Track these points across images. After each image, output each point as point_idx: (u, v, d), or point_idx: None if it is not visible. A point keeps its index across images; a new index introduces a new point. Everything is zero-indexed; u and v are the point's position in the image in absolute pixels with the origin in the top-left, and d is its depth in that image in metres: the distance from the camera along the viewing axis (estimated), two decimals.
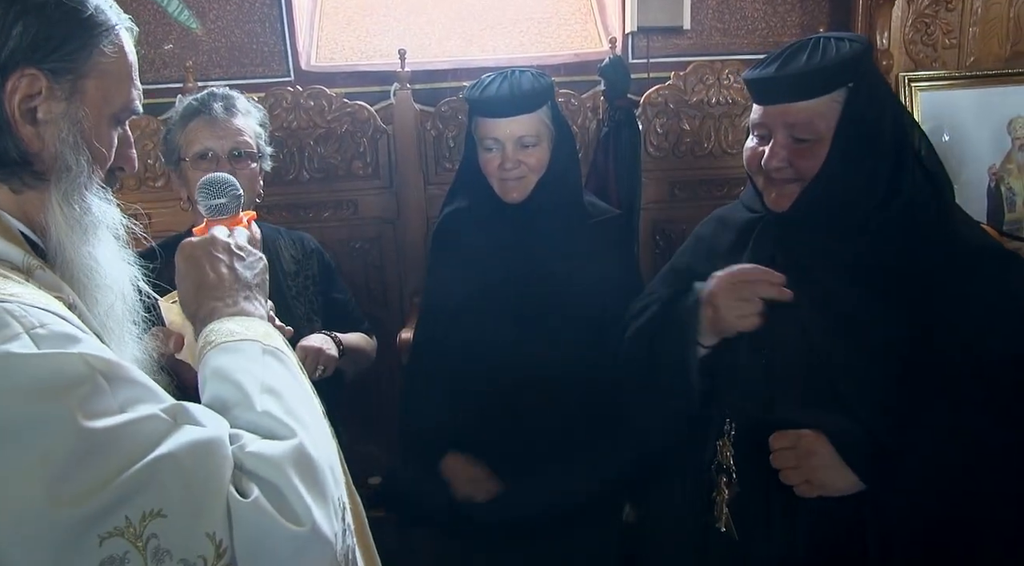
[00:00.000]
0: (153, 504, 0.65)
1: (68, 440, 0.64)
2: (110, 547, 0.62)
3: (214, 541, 0.66)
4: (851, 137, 1.27)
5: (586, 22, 2.82)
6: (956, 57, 2.52)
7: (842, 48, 1.28)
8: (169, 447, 0.68)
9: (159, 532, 0.64)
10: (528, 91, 1.69)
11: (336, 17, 2.86)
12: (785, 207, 1.34)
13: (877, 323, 1.25)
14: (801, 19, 2.68)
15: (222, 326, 0.89)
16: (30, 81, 0.79)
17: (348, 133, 2.50)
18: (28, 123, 0.80)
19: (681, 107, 2.51)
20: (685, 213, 2.59)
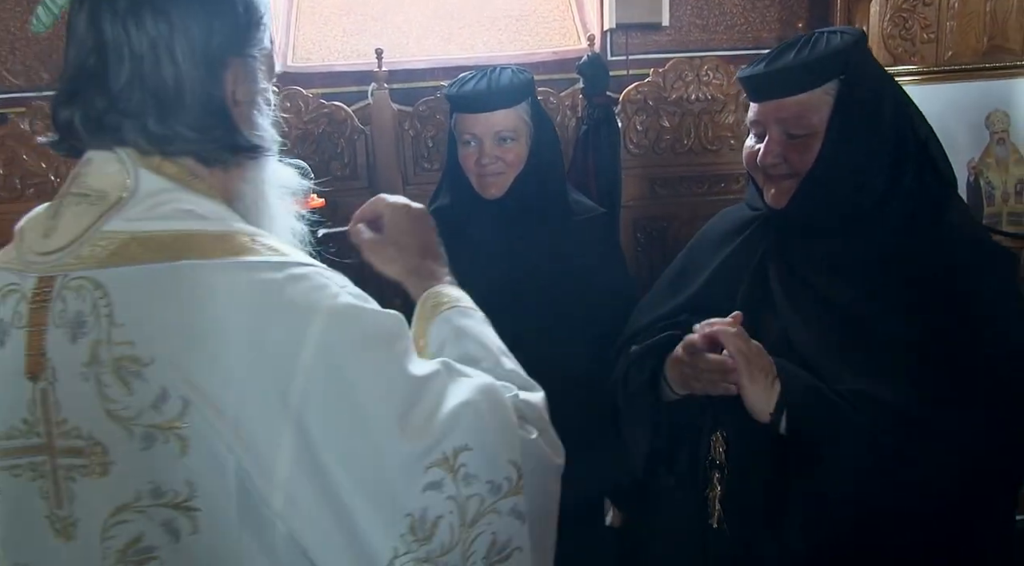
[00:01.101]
0: (462, 441, 0.80)
1: (404, 383, 0.80)
2: (432, 475, 0.78)
3: (516, 466, 0.84)
4: (844, 130, 1.27)
5: (564, 19, 2.83)
6: (934, 51, 2.54)
7: (833, 41, 1.29)
8: (467, 394, 0.83)
9: (467, 462, 0.80)
10: (506, 86, 1.70)
11: (313, 16, 2.86)
12: (783, 204, 1.34)
13: (870, 322, 1.25)
14: (780, 14, 2.70)
15: (448, 291, 1.06)
16: (235, 68, 0.89)
17: (325, 134, 2.50)
18: (234, 106, 0.89)
19: (661, 104, 2.53)
20: (666, 210, 2.61)
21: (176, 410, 0.75)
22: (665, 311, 1.53)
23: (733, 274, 1.44)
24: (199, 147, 0.87)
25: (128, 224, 0.82)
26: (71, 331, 0.78)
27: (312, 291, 0.79)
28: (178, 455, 0.75)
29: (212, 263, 0.79)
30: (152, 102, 0.84)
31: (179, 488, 0.76)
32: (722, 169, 2.59)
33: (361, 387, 0.78)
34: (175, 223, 0.83)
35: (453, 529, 0.80)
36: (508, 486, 0.84)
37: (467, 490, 0.81)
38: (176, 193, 0.85)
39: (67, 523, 0.80)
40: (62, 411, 0.79)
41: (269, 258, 0.81)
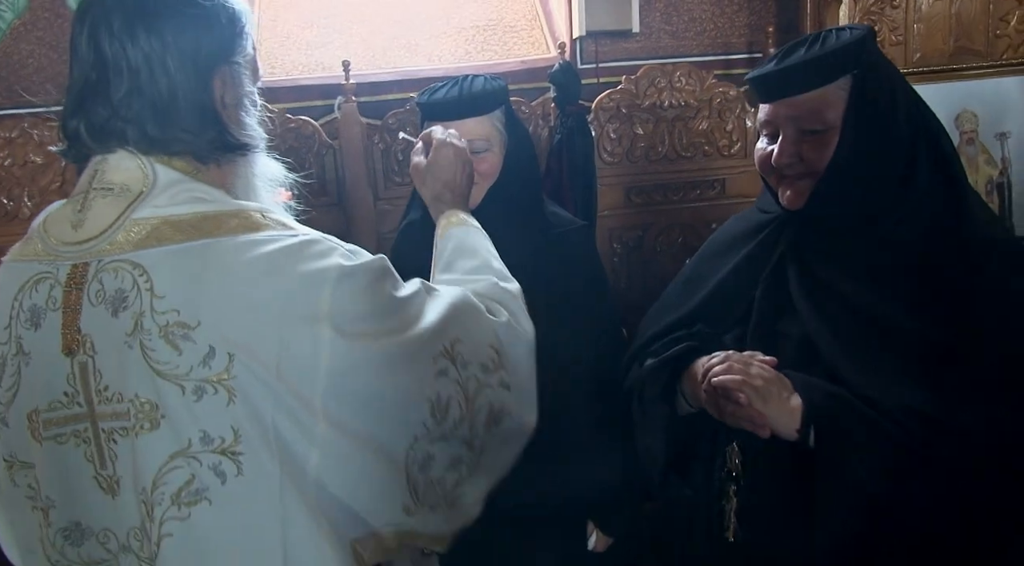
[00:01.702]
0: (454, 335, 1.01)
1: (397, 305, 0.97)
2: (440, 364, 0.99)
3: (495, 348, 1.07)
4: (861, 124, 1.25)
5: (532, 28, 2.81)
6: (903, 53, 2.56)
7: (843, 36, 1.28)
8: (447, 302, 1.04)
9: (461, 351, 1.01)
10: (478, 93, 1.66)
11: (274, 31, 2.80)
12: (800, 204, 1.31)
13: (896, 324, 1.23)
14: (749, 19, 2.70)
15: (458, 213, 1.35)
16: (221, 76, 1.00)
17: (292, 149, 2.43)
18: (223, 109, 1.01)
19: (634, 111, 2.51)
20: (642, 219, 2.59)
21: (223, 364, 0.88)
22: (678, 317, 1.50)
23: (747, 278, 1.41)
24: (194, 147, 0.99)
25: (157, 210, 0.94)
26: (111, 307, 0.90)
27: (321, 256, 0.93)
28: (225, 404, 0.87)
29: (236, 238, 0.92)
30: (150, 109, 0.96)
31: (225, 434, 0.88)
32: (697, 176, 2.58)
33: (373, 319, 0.94)
34: (197, 207, 0.95)
35: (461, 406, 1.00)
36: (492, 364, 1.06)
37: (465, 372, 1.01)
38: (189, 184, 0.98)
39: (112, 481, 0.92)
40: (104, 379, 0.90)
41: (281, 232, 0.95)
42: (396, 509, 0.99)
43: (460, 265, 1.25)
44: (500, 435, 1.07)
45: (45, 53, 2.46)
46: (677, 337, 1.44)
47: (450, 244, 1.29)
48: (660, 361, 1.41)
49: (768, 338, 1.34)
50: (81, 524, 0.95)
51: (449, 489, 1.03)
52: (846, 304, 1.26)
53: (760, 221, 1.45)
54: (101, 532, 0.94)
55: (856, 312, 1.25)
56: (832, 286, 1.28)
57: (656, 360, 1.43)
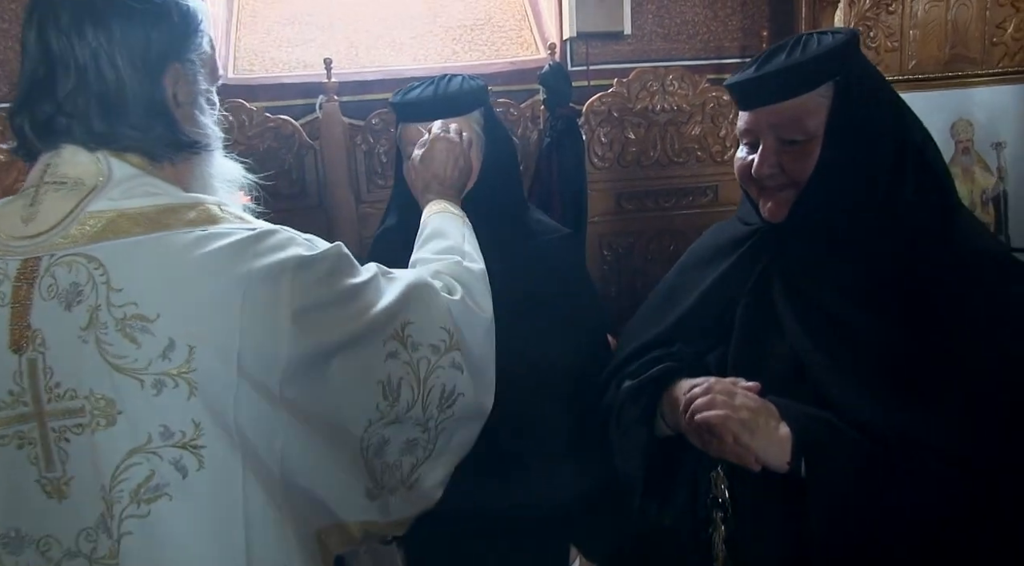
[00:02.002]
0: (405, 317, 1.05)
1: (353, 290, 1.01)
2: (390, 346, 1.03)
3: (447, 330, 1.10)
4: (844, 133, 1.19)
5: (521, 28, 2.74)
6: (898, 60, 2.52)
7: (825, 41, 1.22)
8: (402, 285, 1.08)
9: (412, 333, 1.05)
10: (454, 93, 1.58)
11: (254, 27, 2.71)
12: (782, 217, 1.26)
13: (875, 340, 1.17)
14: (743, 23, 2.65)
15: (443, 203, 1.41)
16: (173, 72, 1.00)
17: (271, 150, 2.34)
18: (177, 106, 1.00)
19: (625, 115, 2.45)
20: (633, 226, 2.53)
21: (183, 357, 0.87)
22: (655, 334, 1.44)
23: (728, 293, 1.35)
24: (143, 143, 0.98)
25: (112, 203, 0.93)
26: (64, 301, 0.88)
27: (280, 246, 0.95)
28: (186, 397, 0.87)
29: (195, 231, 0.92)
30: (96, 105, 0.95)
31: (186, 428, 0.88)
32: (689, 182, 2.52)
33: (331, 307, 0.97)
34: (154, 199, 0.95)
35: (412, 388, 1.05)
36: (444, 346, 1.09)
37: (416, 354, 1.05)
38: (144, 178, 0.97)
39: (60, 483, 0.89)
40: (55, 376, 0.88)
41: (239, 224, 0.96)
42: (359, 494, 1.02)
43: (431, 246, 1.30)
44: (455, 416, 1.11)
45: (11, 46, 2.36)
46: (656, 357, 1.38)
47: (427, 230, 1.35)
48: (638, 383, 1.36)
49: (752, 358, 1.28)
50: (21, 531, 0.92)
51: (407, 472, 1.07)
52: (834, 321, 1.21)
53: (741, 233, 1.39)
54: (42, 539, 0.91)
55: (845, 329, 1.20)
56: (819, 302, 1.23)
57: (634, 382, 1.37)
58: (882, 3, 2.47)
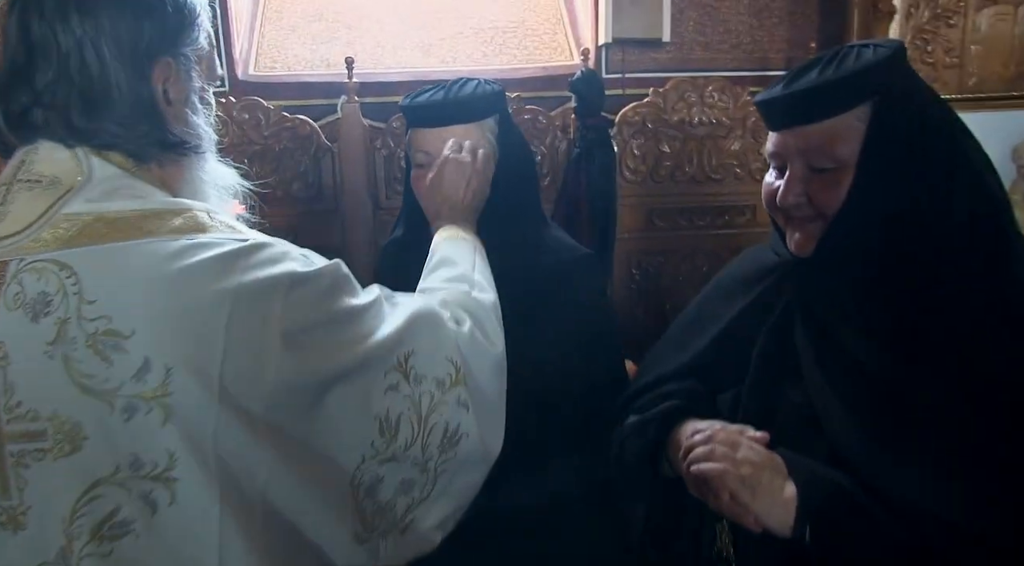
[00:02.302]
0: (408, 347, 0.96)
1: (355, 314, 0.93)
2: (390, 378, 0.94)
3: (453, 362, 1.01)
4: (879, 162, 1.06)
5: (555, 33, 2.63)
6: (957, 77, 2.36)
7: (864, 56, 1.09)
8: (406, 312, 0.99)
9: (415, 365, 0.96)
10: (466, 98, 1.46)
11: (279, 23, 2.63)
12: (808, 251, 1.13)
13: (911, 399, 1.03)
14: (790, 34, 2.50)
15: (453, 229, 1.33)
16: (164, 67, 0.93)
17: (287, 150, 2.25)
18: (167, 104, 0.94)
19: (660, 127, 2.31)
20: (664, 244, 2.40)
21: (159, 379, 0.80)
22: (672, 367, 1.34)
23: (747, 330, 1.24)
24: (127, 142, 0.91)
25: (90, 205, 0.86)
26: (31, 311, 0.80)
27: (273, 260, 0.87)
28: (160, 424, 0.80)
29: (180, 239, 0.85)
30: (78, 98, 0.89)
31: (159, 458, 0.80)
32: (726, 200, 2.38)
33: (326, 329, 0.90)
34: (136, 203, 0.87)
35: (412, 424, 0.95)
36: (450, 380, 1.00)
37: (419, 388, 0.96)
38: (127, 180, 0.91)
39: (16, 513, 0.81)
40: (16, 394, 0.80)
41: (230, 235, 0.89)
42: (346, 537, 0.93)
43: (439, 274, 1.21)
44: (457, 458, 1.01)
45: None
46: (667, 392, 1.28)
47: (436, 256, 1.27)
48: (642, 419, 1.26)
49: (765, 404, 1.17)
50: None
51: (400, 514, 0.97)
52: (859, 370, 1.08)
53: (769, 263, 1.26)
54: None
55: (872, 381, 1.07)
56: (844, 347, 1.10)
57: (638, 417, 1.27)
58: (942, 15, 2.31)
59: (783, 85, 1.12)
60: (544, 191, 2.29)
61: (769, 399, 1.16)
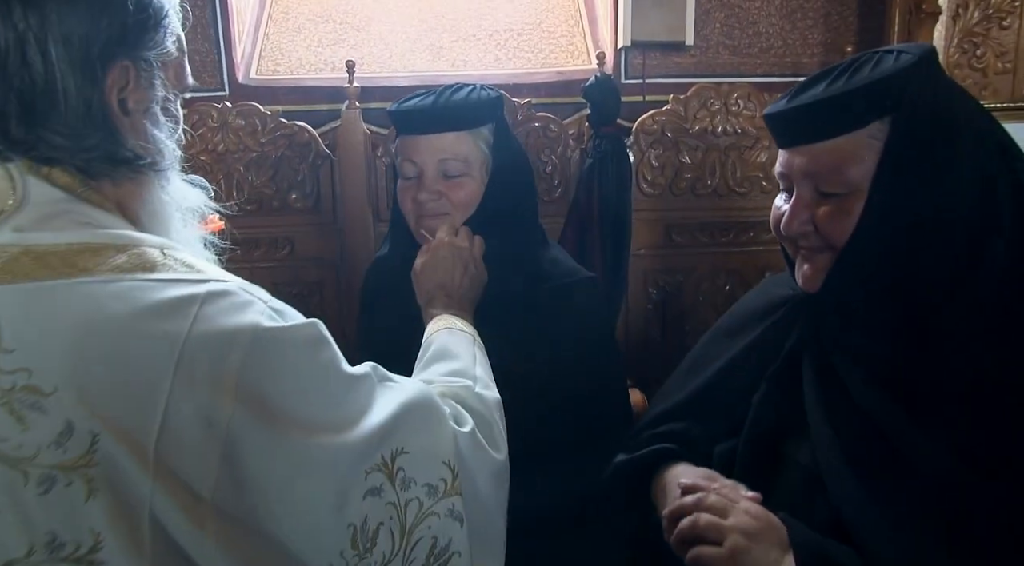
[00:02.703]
0: (399, 443, 0.82)
1: (334, 389, 0.80)
2: (372, 480, 0.79)
3: (450, 467, 0.85)
4: (896, 188, 0.92)
5: (573, 35, 2.49)
6: (1010, 84, 2.16)
7: (885, 64, 0.95)
8: (400, 398, 0.85)
9: (404, 465, 0.81)
10: (458, 104, 1.35)
11: (285, 24, 2.53)
12: (816, 286, 1.01)
13: (926, 462, 0.90)
14: (825, 37, 2.33)
15: (449, 318, 1.20)
16: (121, 73, 0.82)
17: (284, 158, 2.15)
18: (124, 114, 0.83)
19: (681, 136, 2.16)
20: (684, 262, 2.24)
21: (83, 446, 0.69)
22: (670, 405, 1.23)
23: (749, 373, 1.11)
24: (70, 156, 0.80)
25: (18, 236, 0.75)
26: None
27: (234, 310, 0.75)
28: (83, 499, 0.69)
29: (122, 279, 0.74)
30: (16, 103, 0.78)
31: (82, 538, 0.69)
32: (751, 215, 2.21)
33: (292, 404, 0.76)
34: (74, 234, 0.76)
35: (393, 537, 0.80)
36: (444, 487, 0.85)
37: (406, 494, 0.81)
38: (71, 204, 0.79)
39: None
40: None
41: (184, 275, 0.77)
42: None
43: (436, 368, 1.07)
44: None
45: None
46: (660, 433, 1.17)
47: (432, 348, 1.13)
48: (626, 463, 1.16)
49: (764, 461, 1.05)
50: None
51: None
52: (871, 429, 0.94)
53: (780, 297, 1.14)
54: None
55: (887, 444, 0.93)
56: (857, 401, 0.96)
57: (624, 459, 1.17)
58: (994, 16, 2.11)
59: (788, 97, 0.99)
60: (555, 204, 2.16)
61: (768, 457, 1.04)
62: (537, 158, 2.14)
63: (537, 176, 2.14)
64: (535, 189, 1.54)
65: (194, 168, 2.15)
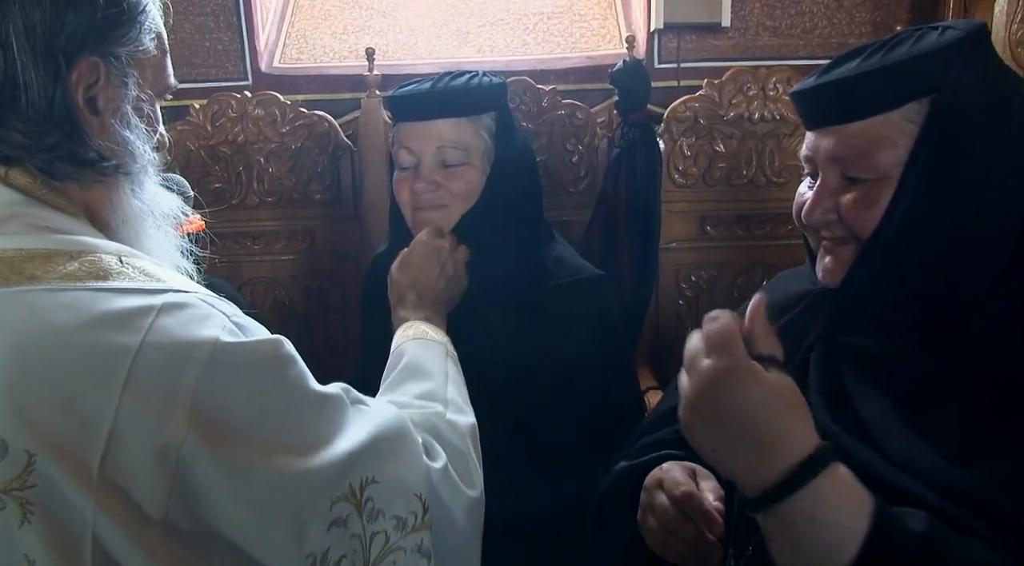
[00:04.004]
0: (368, 471, 0.77)
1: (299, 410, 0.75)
2: (338, 510, 0.74)
3: (421, 499, 0.81)
4: (933, 175, 0.84)
5: (605, 18, 2.40)
6: None
7: (927, 39, 0.86)
8: (372, 424, 0.81)
9: (373, 495, 0.77)
10: (459, 88, 1.30)
11: (312, 11, 2.50)
12: (836, 281, 0.94)
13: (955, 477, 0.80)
14: (874, 15, 2.19)
15: (420, 326, 1.14)
16: (89, 69, 0.78)
17: (304, 149, 2.11)
18: (92, 113, 0.79)
19: (715, 123, 2.05)
20: (718, 256, 2.13)
21: (18, 467, 0.65)
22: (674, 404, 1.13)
23: None
24: (29, 155, 0.77)
25: None
26: None
27: (192, 323, 0.71)
28: (16, 525, 0.65)
29: (71, 289, 0.70)
30: None
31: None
32: (790, 207, 2.06)
33: (250, 425, 0.71)
34: (26, 239, 0.73)
35: None
36: (414, 521, 0.80)
37: (372, 526, 0.77)
38: (27, 207, 0.76)
39: None
40: None
41: (141, 283, 0.73)
42: None
43: (408, 388, 1.01)
44: None
45: None
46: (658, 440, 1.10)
47: (402, 360, 1.06)
48: (627, 469, 1.08)
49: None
50: None
51: None
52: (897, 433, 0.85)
53: (795, 293, 1.06)
54: None
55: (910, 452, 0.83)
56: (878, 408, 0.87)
57: (622, 466, 1.10)
58: None
59: (818, 75, 0.91)
60: (581, 196, 2.08)
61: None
62: (563, 147, 2.06)
63: (562, 166, 2.06)
64: (540, 183, 1.47)
65: (214, 159, 2.13)
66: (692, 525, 0.92)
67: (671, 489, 0.94)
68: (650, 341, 2.12)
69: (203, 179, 2.08)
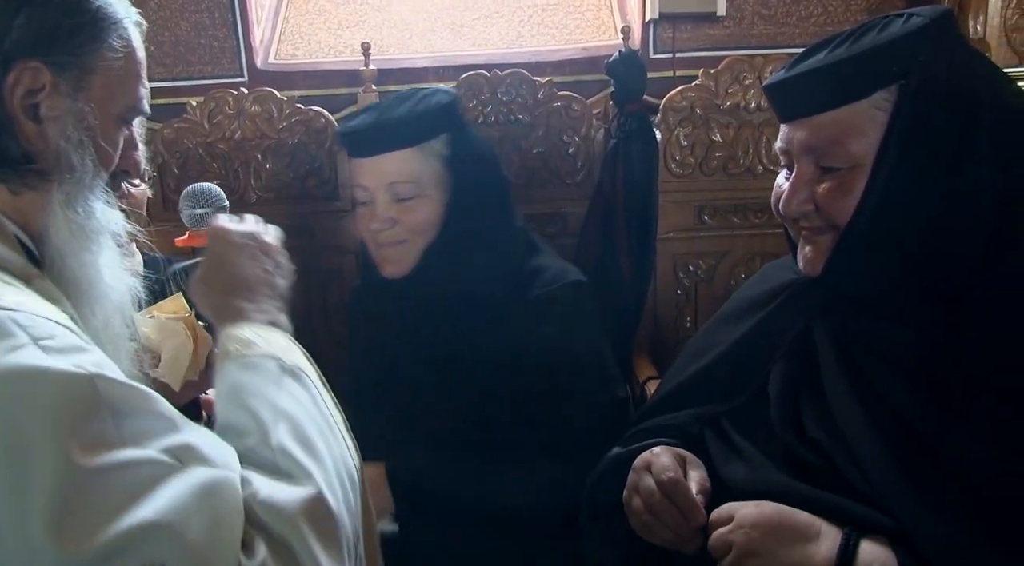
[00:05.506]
0: (154, 557, 0.60)
1: (71, 472, 0.60)
2: None
3: None
4: (905, 161, 0.86)
5: (600, 8, 2.41)
6: None
7: (893, 27, 0.88)
8: (173, 497, 0.62)
9: None
10: (401, 118, 1.26)
11: (306, 6, 2.49)
12: (817, 269, 0.96)
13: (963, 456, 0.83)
14: (869, 3, 2.20)
15: (243, 334, 0.87)
16: (33, 75, 0.77)
17: (301, 144, 2.12)
18: (31, 120, 0.78)
19: (711, 113, 2.05)
20: (716, 245, 2.14)
21: None
22: (668, 391, 1.19)
23: (760, 351, 1.06)
24: None
25: None
26: None
27: None
28: None
29: None
30: None
31: None
32: None
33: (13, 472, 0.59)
34: None
35: None
36: None
37: None
38: None
39: None
40: None
41: None
42: None
43: (232, 425, 0.79)
44: None
45: None
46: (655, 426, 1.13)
47: (223, 389, 0.83)
48: (619, 456, 1.10)
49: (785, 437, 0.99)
50: None
51: None
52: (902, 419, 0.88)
53: (779, 283, 1.09)
54: None
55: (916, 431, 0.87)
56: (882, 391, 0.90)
57: (615, 452, 1.12)
58: None
59: (788, 66, 0.94)
60: (578, 187, 2.09)
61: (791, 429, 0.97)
62: (559, 139, 2.07)
63: (559, 158, 2.07)
64: (508, 193, 1.45)
65: (212, 156, 2.14)
66: (675, 511, 0.93)
67: (658, 473, 0.95)
68: (649, 331, 2.13)
69: (201, 177, 2.08)
